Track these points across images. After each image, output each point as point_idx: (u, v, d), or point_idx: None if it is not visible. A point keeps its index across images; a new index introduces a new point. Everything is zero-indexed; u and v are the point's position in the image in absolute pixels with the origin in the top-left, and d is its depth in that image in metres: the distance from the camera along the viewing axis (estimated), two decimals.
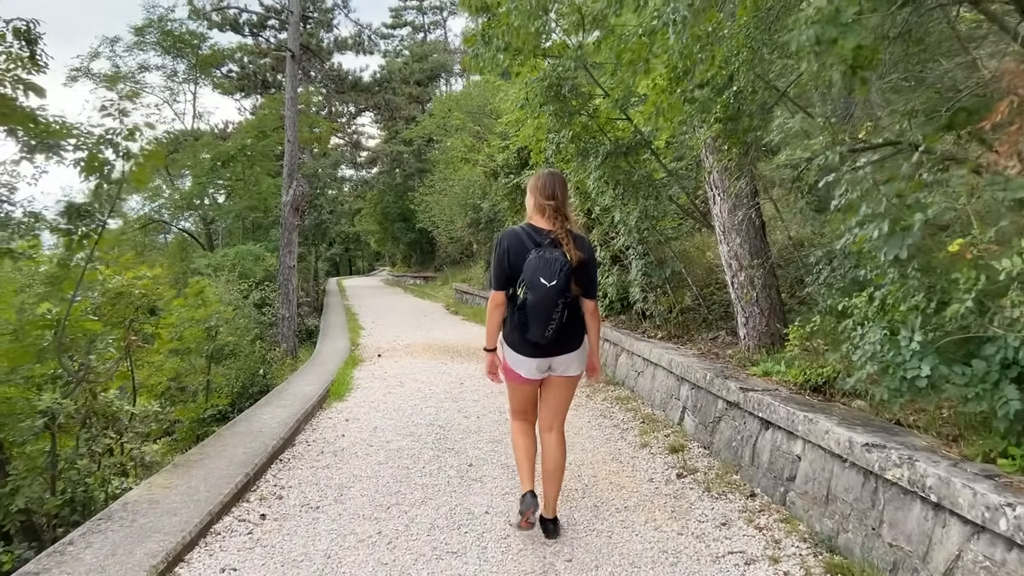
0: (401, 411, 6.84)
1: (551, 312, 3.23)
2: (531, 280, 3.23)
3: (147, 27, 17.84)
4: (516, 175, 10.81)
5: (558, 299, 3.22)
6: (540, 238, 3.36)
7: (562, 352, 3.44)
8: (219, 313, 7.25)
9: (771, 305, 6.03)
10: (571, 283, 3.30)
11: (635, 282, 7.85)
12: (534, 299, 3.23)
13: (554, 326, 3.27)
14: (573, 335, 3.45)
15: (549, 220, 3.41)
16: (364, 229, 40.73)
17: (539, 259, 3.25)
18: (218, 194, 19.23)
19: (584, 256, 3.37)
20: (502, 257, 3.39)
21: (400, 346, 11.67)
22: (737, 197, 5.99)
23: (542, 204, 3.42)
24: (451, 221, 23.03)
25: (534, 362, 3.44)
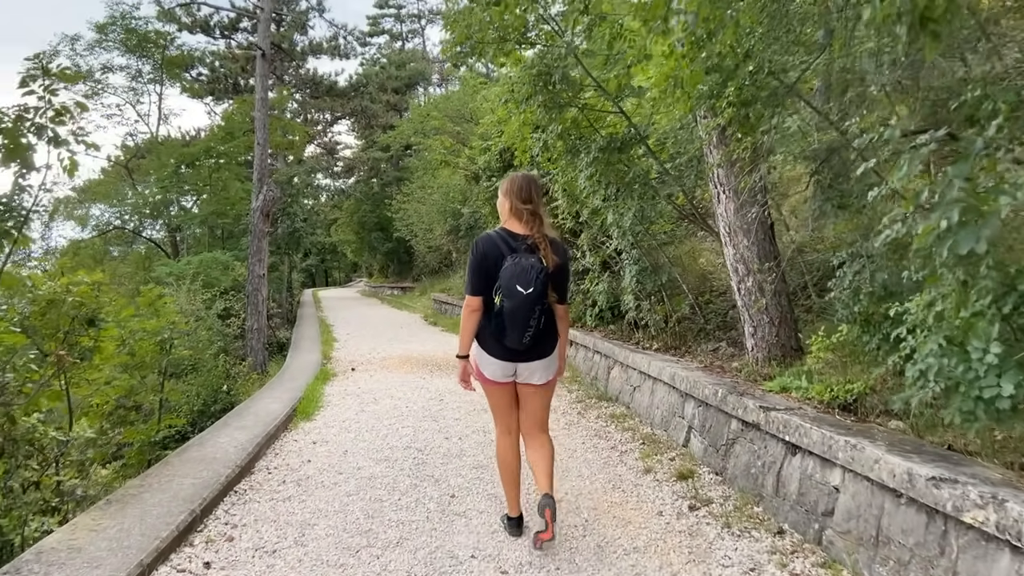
0: (375, 431, 6.21)
1: (528, 319, 3.22)
2: (508, 288, 3.20)
3: (110, 25, 17.05)
4: (498, 178, 10.26)
5: (535, 306, 3.21)
6: (516, 243, 3.32)
7: (535, 358, 3.42)
8: (174, 324, 6.58)
9: (782, 313, 5.50)
10: (548, 290, 3.28)
11: (628, 289, 7.30)
12: (511, 307, 3.20)
13: (531, 332, 3.27)
14: (547, 341, 3.44)
15: (526, 224, 3.36)
16: (340, 239, 39.95)
17: (515, 266, 3.21)
18: (185, 200, 18.39)
19: (560, 261, 3.36)
20: (478, 263, 3.34)
21: (375, 359, 11.01)
22: (746, 194, 5.47)
23: (519, 208, 3.38)
24: (429, 229, 22.42)
25: (499, 364, 3.44)
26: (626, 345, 7.42)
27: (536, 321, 3.25)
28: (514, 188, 3.43)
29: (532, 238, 3.32)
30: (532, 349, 3.37)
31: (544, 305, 3.26)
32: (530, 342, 3.30)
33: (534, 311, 3.22)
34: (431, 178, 20.64)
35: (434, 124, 18.46)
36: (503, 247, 3.32)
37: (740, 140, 4.44)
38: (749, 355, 5.68)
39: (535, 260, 3.23)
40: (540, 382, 3.52)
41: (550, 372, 3.54)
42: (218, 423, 6.08)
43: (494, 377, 3.50)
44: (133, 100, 19.00)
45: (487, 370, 3.49)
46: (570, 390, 7.83)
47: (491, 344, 3.42)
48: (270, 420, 6.18)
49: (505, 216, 3.47)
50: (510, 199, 3.43)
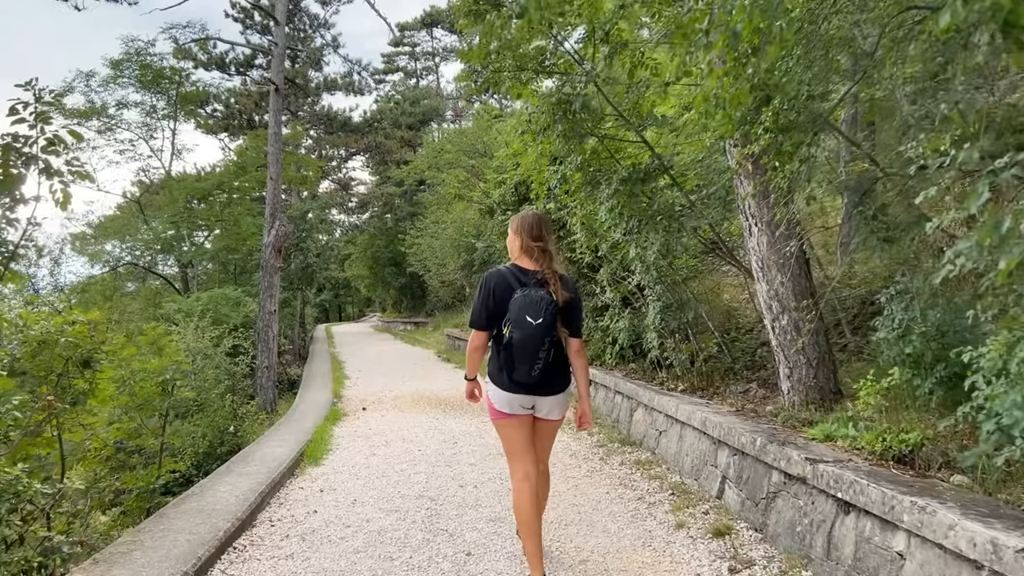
0: (386, 478, 5.87)
1: (538, 351, 3.22)
2: (517, 318, 3.22)
3: (125, 61, 17.14)
4: (513, 211, 10.02)
5: (544, 337, 3.22)
6: (526, 278, 3.35)
7: (547, 394, 3.41)
8: (177, 364, 6.31)
9: (820, 354, 5.16)
10: (557, 322, 3.28)
11: (651, 327, 6.96)
12: (520, 338, 3.21)
13: (540, 365, 3.25)
14: (559, 377, 3.42)
15: (536, 261, 3.40)
16: (354, 274, 39.87)
17: (524, 298, 3.24)
18: (196, 235, 18.24)
19: (571, 296, 3.38)
20: (487, 297, 3.36)
21: (387, 398, 10.68)
22: (779, 227, 5.16)
23: (530, 245, 3.41)
24: (443, 264, 22.23)
25: (517, 397, 3.39)
26: (650, 386, 7.07)
27: (545, 354, 3.25)
28: (525, 225, 3.47)
29: (542, 273, 3.37)
30: (544, 383, 3.34)
31: (553, 338, 3.27)
32: (539, 376, 3.28)
33: (543, 343, 3.22)
34: (444, 212, 20.48)
35: (448, 158, 18.34)
36: (513, 281, 3.35)
37: (777, 169, 4.14)
38: (785, 398, 5.33)
39: (545, 293, 3.27)
40: (558, 417, 3.53)
41: (565, 407, 3.53)
42: (221, 469, 5.76)
43: (511, 410, 3.43)
44: (146, 135, 19.08)
45: (504, 405, 3.44)
46: (591, 433, 7.45)
47: (502, 378, 3.40)
48: (276, 465, 5.85)
49: (515, 253, 3.50)
50: (521, 236, 3.46)
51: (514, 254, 3.53)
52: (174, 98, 18.61)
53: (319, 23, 22.36)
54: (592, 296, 9.25)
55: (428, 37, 41.98)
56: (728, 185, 5.60)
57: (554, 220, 9.24)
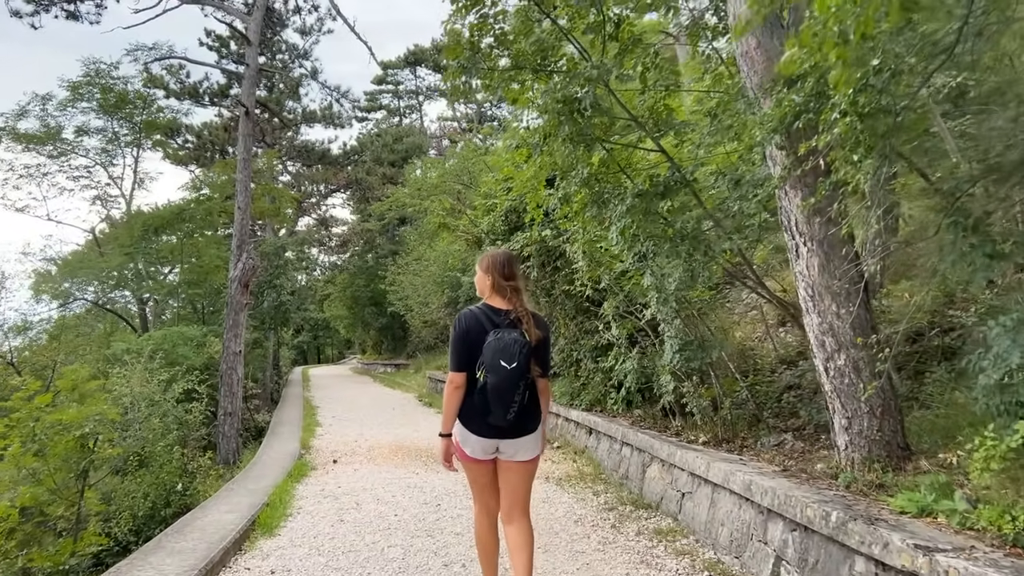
0: (354, 554, 4.80)
1: (513, 394, 3.18)
2: (491, 363, 3.18)
3: (85, 84, 16.08)
4: (503, 241, 9.12)
5: (519, 381, 3.19)
6: (499, 319, 3.34)
7: (517, 435, 3.35)
8: (102, 414, 5.25)
9: (885, 402, 4.22)
10: (531, 363, 3.24)
11: (666, 367, 6.01)
12: (495, 382, 3.17)
13: (515, 408, 3.22)
14: (531, 417, 3.38)
15: (508, 300, 3.39)
16: (333, 315, 38.69)
17: (498, 341, 3.21)
18: (156, 270, 16.93)
19: (542, 335, 3.38)
20: (461, 338, 3.33)
21: (361, 449, 9.57)
22: (834, 247, 4.27)
23: (502, 284, 3.40)
24: (425, 303, 21.22)
25: (481, 442, 3.35)
26: (665, 437, 6.09)
27: (520, 396, 3.21)
28: (496, 264, 3.44)
29: (515, 312, 3.35)
30: (516, 425, 3.30)
31: (528, 380, 3.24)
32: (514, 418, 3.24)
33: (518, 386, 3.19)
34: (428, 248, 19.55)
35: (433, 181, 17.41)
36: (486, 323, 3.33)
37: (855, 166, 3.24)
38: (840, 455, 4.36)
39: (517, 335, 3.25)
40: (526, 458, 3.42)
41: (536, 448, 3.44)
42: (148, 545, 4.67)
43: (475, 455, 3.39)
44: (105, 161, 17.91)
45: (469, 448, 3.38)
46: (596, 492, 6.43)
47: (475, 422, 3.33)
48: (218, 539, 4.77)
49: (486, 292, 3.47)
50: (492, 275, 3.43)
51: (484, 293, 3.49)
52: (139, 124, 17.57)
53: (298, 53, 21.67)
54: (592, 334, 8.31)
55: (411, 76, 41.57)
56: (766, 200, 4.72)
57: (550, 249, 8.36)
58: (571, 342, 8.90)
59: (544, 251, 8.34)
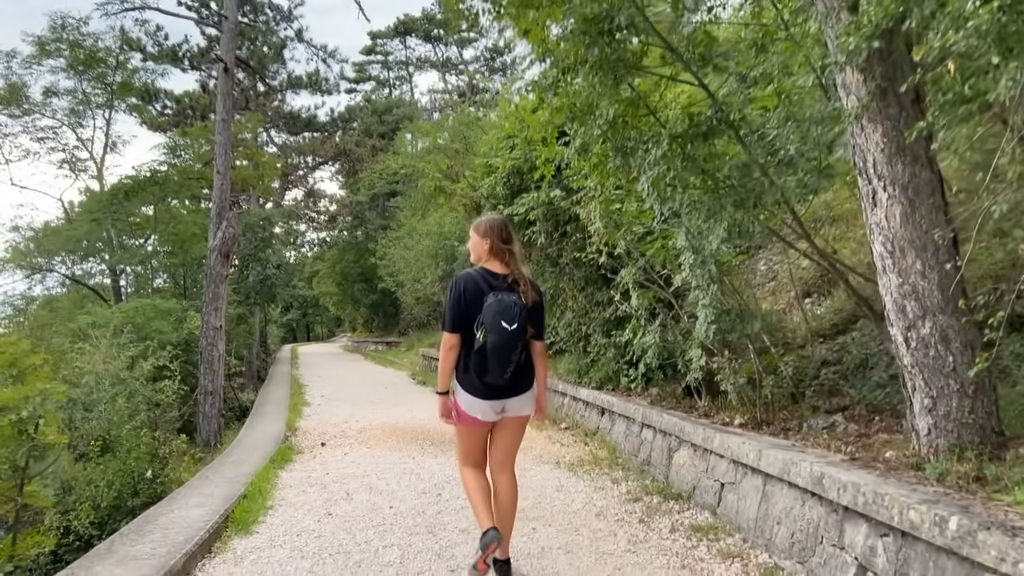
0: (344, 556, 4.10)
1: (511, 354, 3.30)
2: (492, 324, 3.27)
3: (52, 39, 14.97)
4: (505, 206, 8.34)
5: (519, 342, 3.31)
6: (496, 282, 3.43)
7: (517, 393, 3.48)
8: (45, 394, 4.50)
9: (979, 378, 3.52)
10: (528, 326, 3.37)
11: (697, 340, 5.30)
12: (495, 342, 3.26)
13: (512, 368, 3.34)
14: (526, 376, 3.51)
15: (506, 264, 3.50)
16: (322, 292, 37.81)
17: (498, 303, 3.30)
18: (132, 240, 15.90)
19: (537, 297, 3.51)
20: (458, 300, 3.41)
21: (352, 431, 8.85)
22: (919, 193, 3.55)
23: (500, 248, 3.50)
24: (417, 279, 20.42)
25: (489, 404, 3.45)
26: (695, 419, 5.41)
27: (517, 356, 3.34)
28: (494, 228, 3.53)
29: (512, 276, 3.45)
30: (515, 384, 3.42)
31: (526, 341, 3.38)
32: (510, 377, 3.36)
33: (517, 347, 3.31)
34: (420, 220, 18.71)
35: (428, 138, 16.41)
36: (483, 285, 3.41)
37: (994, 72, 2.50)
38: (922, 441, 3.67)
39: (516, 297, 3.36)
40: (527, 412, 3.59)
41: (532, 402, 3.60)
42: (100, 547, 3.94)
43: (485, 417, 3.51)
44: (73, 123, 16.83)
45: (476, 412, 3.48)
46: (615, 480, 5.74)
47: (473, 384, 3.44)
48: (182, 541, 4.05)
49: (483, 256, 3.55)
50: (490, 239, 3.51)
51: (481, 258, 3.57)
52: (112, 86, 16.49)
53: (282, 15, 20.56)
54: (603, 307, 7.59)
55: (401, 46, 40.37)
56: (832, 141, 3.98)
57: (559, 213, 7.60)
58: (579, 315, 8.19)
59: (552, 215, 7.59)
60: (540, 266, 8.49)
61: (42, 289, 18.23)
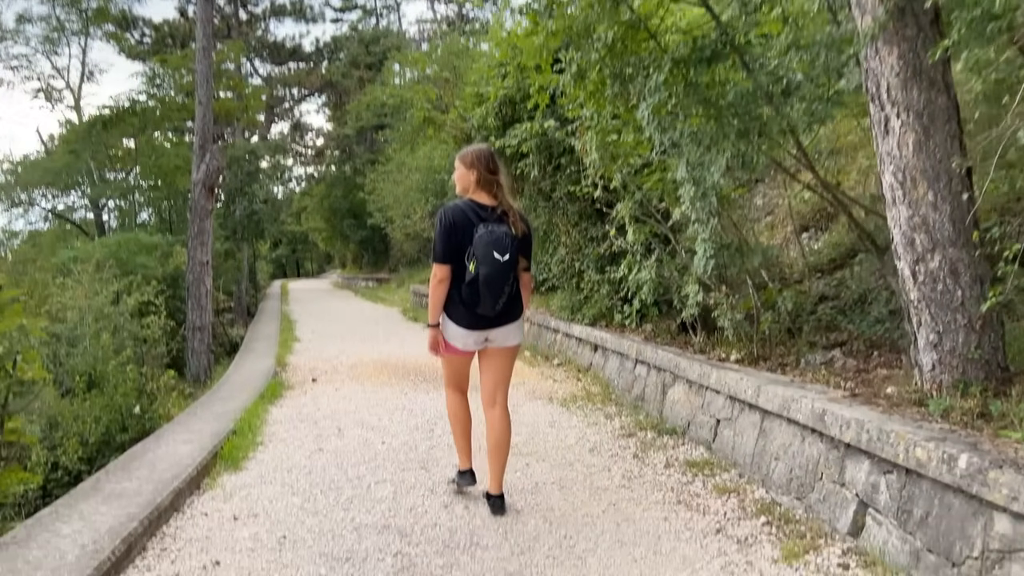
0: (335, 493, 4.04)
1: (503, 285, 3.32)
2: (484, 255, 3.26)
3: None
4: (497, 137, 8.08)
5: (510, 272, 3.33)
6: (485, 214, 3.41)
7: (504, 324, 3.51)
8: (24, 330, 4.35)
9: (986, 312, 3.42)
10: (518, 257, 3.39)
11: (694, 276, 5.18)
12: (487, 273, 3.27)
13: (503, 299, 3.37)
14: (515, 307, 3.54)
15: (494, 195, 3.45)
16: (311, 227, 37.38)
17: (489, 234, 3.29)
18: (109, 168, 15.43)
19: (526, 230, 3.53)
20: (447, 231, 3.40)
21: (343, 366, 8.79)
22: (935, 120, 3.38)
23: (488, 179, 3.45)
24: (407, 215, 20.12)
25: (472, 334, 3.51)
26: (690, 355, 5.34)
27: (509, 288, 3.36)
28: (481, 158, 3.47)
29: (501, 207, 3.44)
30: (504, 314, 3.46)
31: (516, 272, 3.39)
32: (502, 308, 3.40)
33: (508, 277, 3.32)
34: (409, 154, 18.31)
35: (416, 68, 15.88)
36: (473, 217, 3.38)
37: None
38: (925, 376, 3.59)
39: (506, 228, 3.37)
40: (514, 343, 3.65)
41: (520, 332, 3.66)
42: (84, 485, 3.86)
43: (465, 347, 3.57)
44: (48, 50, 16.17)
45: (457, 342, 3.54)
46: (608, 415, 5.71)
47: (461, 315, 3.46)
48: (169, 477, 3.98)
49: (470, 188, 3.49)
50: (477, 170, 3.45)
51: (468, 189, 3.51)
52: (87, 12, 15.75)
53: None
54: (598, 242, 7.44)
55: None
56: (841, 66, 3.78)
57: (553, 145, 7.36)
58: (573, 251, 8.04)
59: (546, 146, 7.35)
60: (533, 200, 8.29)
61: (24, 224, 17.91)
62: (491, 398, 3.67)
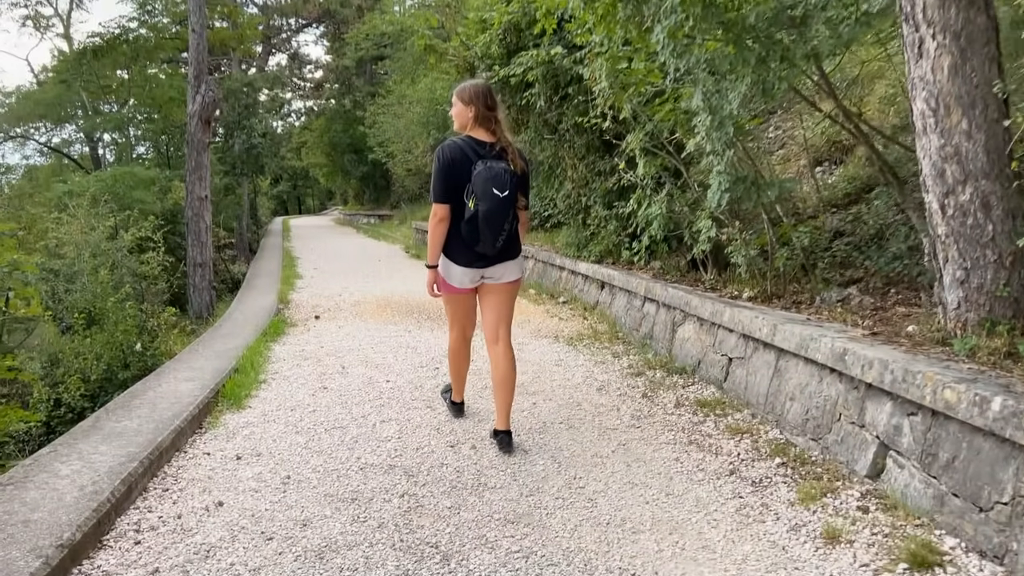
0: (340, 432, 3.97)
1: (503, 222, 3.30)
2: (484, 191, 3.24)
3: None
4: (501, 66, 7.75)
5: (510, 209, 3.31)
6: (483, 150, 3.36)
7: (502, 260, 3.50)
8: (15, 265, 4.21)
9: (1016, 249, 3.26)
10: (517, 194, 3.36)
11: (707, 211, 4.99)
12: (487, 210, 3.24)
13: (504, 236, 3.35)
14: (514, 244, 3.53)
15: (492, 131, 3.41)
16: (311, 163, 36.85)
17: (488, 171, 3.26)
18: (102, 100, 15.03)
19: (524, 166, 3.47)
20: (446, 169, 3.36)
21: (346, 303, 8.69)
22: (972, 42, 3.15)
23: (485, 115, 3.40)
24: (408, 150, 19.72)
25: (470, 272, 3.50)
26: (703, 293, 5.20)
27: (509, 225, 3.34)
28: (478, 94, 3.42)
29: (499, 144, 3.39)
30: (503, 251, 3.44)
31: (515, 208, 3.36)
32: (502, 245, 3.38)
33: (508, 214, 3.30)
34: (410, 86, 17.81)
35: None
36: (471, 154, 3.34)
37: None
38: (949, 315, 3.44)
39: (505, 165, 3.32)
40: (514, 278, 3.62)
41: (519, 269, 3.64)
42: (84, 424, 3.79)
43: (462, 286, 3.56)
44: None
45: (456, 281, 3.54)
46: (616, 354, 5.62)
47: (460, 252, 3.46)
48: (170, 416, 3.90)
49: (468, 124, 3.45)
50: (475, 106, 3.40)
51: (466, 126, 3.46)
52: None
53: None
54: (605, 176, 7.22)
55: None
56: None
57: (559, 74, 7.06)
58: (579, 186, 7.81)
59: (552, 75, 7.04)
60: (538, 133, 8.03)
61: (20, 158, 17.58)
62: (494, 335, 3.65)
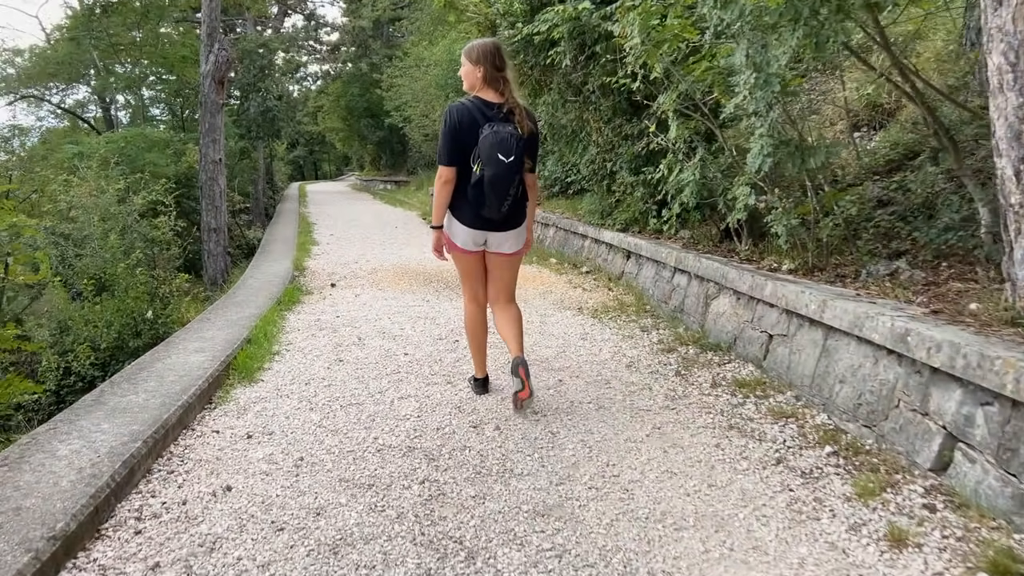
0: (356, 409, 3.76)
1: (508, 187, 3.26)
2: (489, 156, 3.21)
3: None
4: (524, 23, 7.38)
5: (516, 174, 3.26)
6: (491, 112, 3.32)
7: (506, 228, 3.47)
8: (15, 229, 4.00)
9: None
10: (524, 158, 3.31)
11: (746, 176, 4.67)
12: (492, 175, 3.21)
13: (509, 202, 3.31)
14: (520, 211, 3.49)
15: (500, 92, 3.36)
16: (327, 127, 36.47)
17: (494, 135, 3.22)
18: (114, 59, 14.71)
19: (533, 128, 3.40)
20: (453, 131, 3.32)
21: (363, 271, 8.47)
22: None
23: (495, 76, 3.35)
24: (426, 114, 19.35)
25: (471, 233, 3.47)
26: (739, 264, 4.91)
27: (515, 190, 3.29)
28: (487, 54, 3.35)
29: (507, 106, 3.33)
30: (507, 218, 3.41)
31: (522, 174, 3.33)
32: (507, 211, 3.34)
33: (514, 180, 3.26)
34: (427, 47, 17.37)
35: None
36: (479, 116, 3.30)
37: None
38: (1019, 291, 3.15)
39: (512, 128, 3.26)
40: (511, 251, 3.58)
41: (520, 241, 3.59)
42: (84, 400, 3.58)
43: (465, 246, 3.54)
44: None
45: (459, 239, 3.52)
46: (644, 328, 5.35)
47: (466, 214, 3.43)
48: (178, 391, 3.70)
49: (477, 85, 3.40)
50: (484, 66, 3.35)
51: (474, 87, 3.41)
52: None
53: None
54: (633, 140, 6.88)
55: None
56: None
57: (586, 32, 6.68)
58: (605, 151, 7.48)
59: (579, 33, 6.66)
60: (561, 95, 7.68)
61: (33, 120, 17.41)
62: (495, 301, 3.72)
